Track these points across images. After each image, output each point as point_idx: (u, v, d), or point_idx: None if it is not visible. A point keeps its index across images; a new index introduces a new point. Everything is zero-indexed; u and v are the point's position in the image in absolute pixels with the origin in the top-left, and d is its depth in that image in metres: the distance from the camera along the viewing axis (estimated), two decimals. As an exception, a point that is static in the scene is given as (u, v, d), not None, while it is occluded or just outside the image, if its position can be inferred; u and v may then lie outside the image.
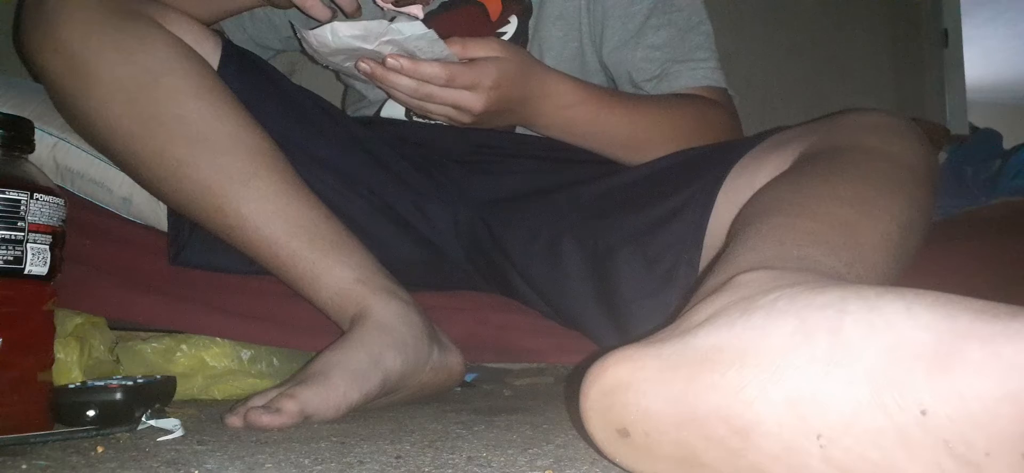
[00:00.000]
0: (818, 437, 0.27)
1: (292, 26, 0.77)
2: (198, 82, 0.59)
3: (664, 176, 0.65)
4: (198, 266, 0.67)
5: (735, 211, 0.51)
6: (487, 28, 0.78)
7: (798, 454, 0.28)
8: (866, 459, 0.27)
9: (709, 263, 0.56)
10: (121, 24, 0.58)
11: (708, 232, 0.58)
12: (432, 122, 0.77)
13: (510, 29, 0.78)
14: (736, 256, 0.39)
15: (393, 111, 0.78)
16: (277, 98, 0.69)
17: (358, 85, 0.81)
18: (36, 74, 0.62)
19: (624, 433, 0.31)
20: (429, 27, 0.60)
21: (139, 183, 0.65)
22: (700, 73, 0.75)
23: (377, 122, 0.79)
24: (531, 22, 0.78)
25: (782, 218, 0.42)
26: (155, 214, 0.71)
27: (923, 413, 0.26)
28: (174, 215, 0.67)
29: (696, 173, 0.61)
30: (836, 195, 0.44)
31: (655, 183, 0.64)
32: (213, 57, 0.65)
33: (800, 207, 0.43)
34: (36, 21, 0.58)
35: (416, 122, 0.77)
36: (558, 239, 0.66)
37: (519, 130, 0.78)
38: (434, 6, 0.78)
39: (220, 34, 0.70)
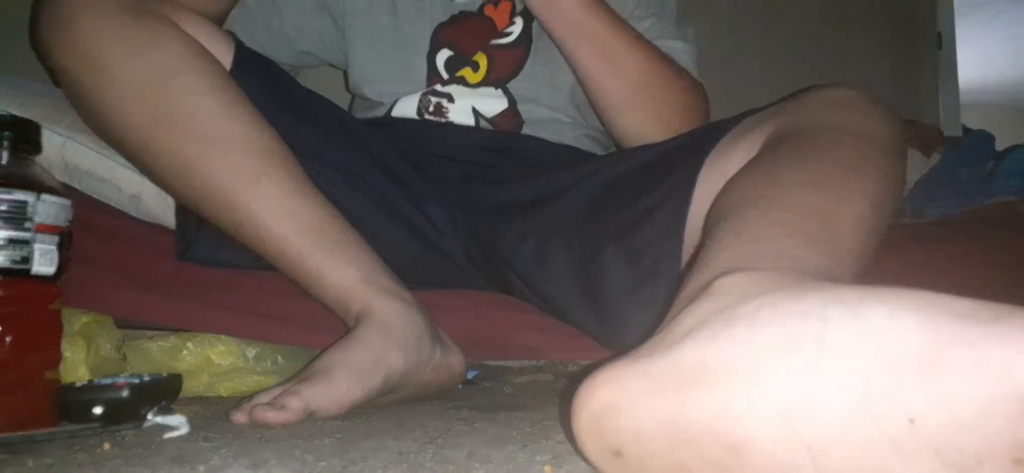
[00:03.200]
0: (810, 449, 0.27)
1: None
2: (211, 81, 0.60)
3: (643, 172, 0.65)
4: (205, 262, 0.68)
5: (710, 200, 0.51)
6: (493, 36, 0.79)
7: (791, 467, 0.27)
8: (860, 469, 0.26)
9: (693, 253, 0.57)
10: (136, 22, 0.58)
11: (689, 222, 0.59)
12: (442, 121, 0.78)
13: (515, 30, 0.79)
14: (714, 256, 0.39)
15: (404, 111, 0.79)
16: (286, 99, 0.69)
17: (368, 93, 0.82)
18: (51, 72, 0.62)
19: (618, 455, 0.31)
20: (439, 38, 0.59)
21: (151, 179, 0.65)
22: (681, 60, 0.78)
23: (386, 122, 0.79)
24: (534, 25, 0.79)
25: (755, 212, 0.42)
26: (163, 212, 0.71)
27: (911, 421, 0.25)
28: (181, 212, 0.68)
29: (672, 166, 0.62)
30: (807, 181, 0.44)
31: (634, 180, 0.65)
32: (226, 58, 0.65)
33: (772, 198, 0.43)
34: (52, 19, 0.58)
35: (427, 120, 0.78)
36: (545, 242, 0.67)
37: (525, 130, 0.79)
38: (445, 18, 0.79)
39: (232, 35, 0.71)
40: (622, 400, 0.30)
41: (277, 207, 0.59)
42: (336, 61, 0.86)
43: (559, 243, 0.66)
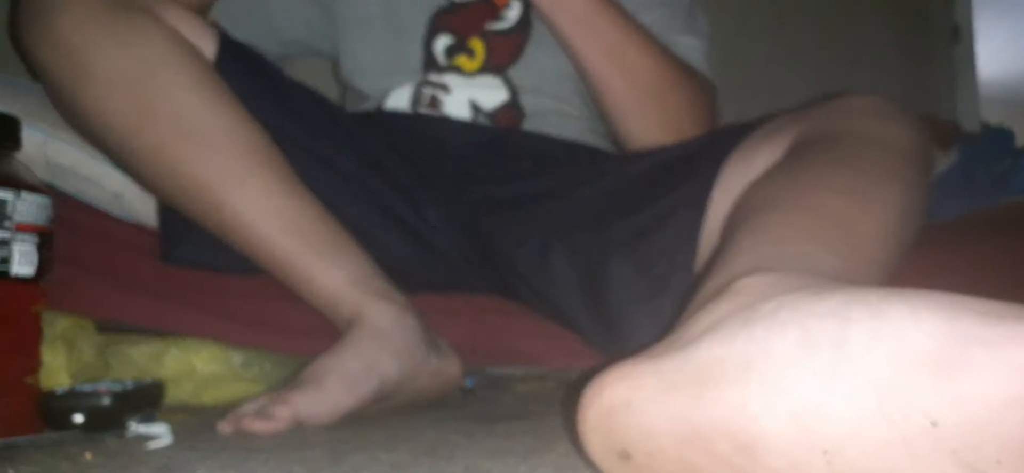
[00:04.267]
0: (825, 452, 0.27)
1: None
2: (195, 76, 0.59)
3: (656, 176, 0.64)
4: (190, 263, 0.67)
5: (729, 206, 0.51)
6: (493, 18, 0.77)
7: (805, 469, 0.27)
8: (874, 471, 0.26)
9: (705, 263, 0.55)
10: (118, 16, 0.57)
11: (704, 230, 0.58)
12: (436, 115, 0.76)
13: (512, 14, 0.78)
14: (733, 258, 0.39)
15: (397, 104, 0.78)
16: (273, 93, 0.68)
17: (360, 84, 0.80)
18: (33, 69, 0.61)
19: (625, 455, 0.30)
20: (437, 23, 0.58)
21: (134, 179, 0.65)
22: (692, 59, 0.76)
23: (379, 117, 0.78)
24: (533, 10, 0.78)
25: (778, 214, 0.42)
26: (146, 210, 0.70)
27: (931, 423, 0.25)
28: (165, 212, 0.67)
29: (688, 172, 0.60)
30: (831, 186, 0.44)
31: (647, 183, 0.64)
32: (210, 51, 0.64)
33: (795, 201, 0.43)
34: (33, 14, 0.58)
35: (420, 115, 0.77)
36: (548, 242, 0.66)
37: (526, 124, 0.77)
38: (445, 4, 0.78)
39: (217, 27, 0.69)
40: (633, 397, 0.30)
41: (264, 207, 0.59)
42: (325, 51, 0.85)
43: (563, 245, 0.65)
